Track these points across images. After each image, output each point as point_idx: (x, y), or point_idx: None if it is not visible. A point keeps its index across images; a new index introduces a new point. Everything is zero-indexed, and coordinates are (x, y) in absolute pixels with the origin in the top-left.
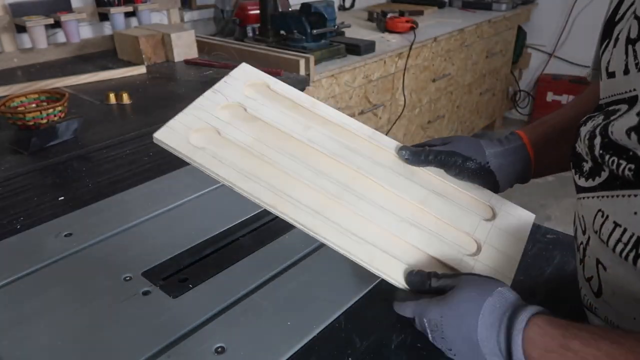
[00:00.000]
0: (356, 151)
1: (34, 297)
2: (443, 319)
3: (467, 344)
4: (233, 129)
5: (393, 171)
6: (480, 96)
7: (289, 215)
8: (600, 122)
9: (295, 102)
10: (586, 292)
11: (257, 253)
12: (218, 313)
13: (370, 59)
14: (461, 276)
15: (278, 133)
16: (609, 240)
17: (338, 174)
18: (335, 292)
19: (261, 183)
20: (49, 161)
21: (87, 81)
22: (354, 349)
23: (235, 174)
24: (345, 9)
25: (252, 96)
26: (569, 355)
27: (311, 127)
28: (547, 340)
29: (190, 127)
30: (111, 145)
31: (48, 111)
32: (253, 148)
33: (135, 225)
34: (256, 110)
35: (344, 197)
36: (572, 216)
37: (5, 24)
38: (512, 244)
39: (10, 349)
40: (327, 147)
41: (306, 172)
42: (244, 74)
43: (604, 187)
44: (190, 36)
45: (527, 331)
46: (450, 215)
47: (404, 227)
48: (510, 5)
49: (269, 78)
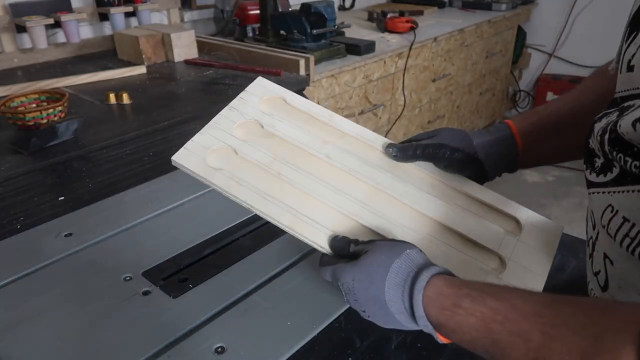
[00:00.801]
0: (375, 165)
1: (34, 297)
2: (355, 282)
3: (377, 304)
4: (250, 148)
5: (415, 186)
6: (480, 96)
7: (306, 236)
8: (614, 119)
9: (312, 116)
10: (593, 286)
11: (257, 253)
12: (218, 313)
13: (370, 59)
14: (375, 241)
15: (295, 150)
16: (617, 234)
17: (357, 191)
18: (335, 292)
19: (279, 204)
20: (49, 161)
21: (87, 81)
22: (354, 349)
23: (253, 195)
24: (345, 9)
25: (269, 112)
26: (459, 312)
27: (329, 143)
28: (442, 299)
29: (208, 148)
30: (111, 145)
31: (48, 111)
32: (270, 167)
33: (135, 225)
34: (273, 127)
35: (362, 216)
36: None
37: (5, 24)
38: (539, 260)
39: (10, 349)
40: (345, 163)
41: (324, 190)
42: (260, 89)
43: (616, 183)
44: (190, 36)
45: (426, 290)
46: (473, 230)
47: (425, 244)
48: (510, 5)
49: (285, 92)
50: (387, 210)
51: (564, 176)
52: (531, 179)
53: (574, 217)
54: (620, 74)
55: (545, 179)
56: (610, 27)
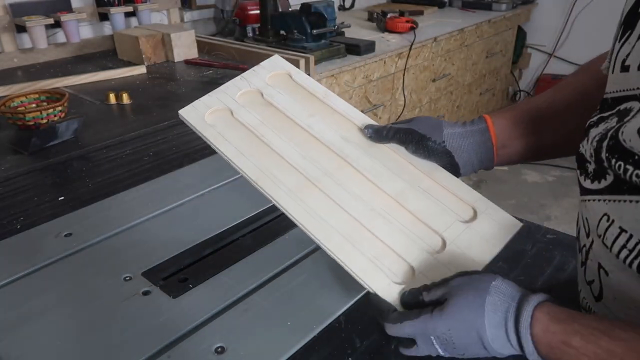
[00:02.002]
0: (350, 141)
1: (34, 297)
2: (452, 331)
3: (480, 346)
4: (245, 112)
5: (381, 163)
6: (480, 96)
7: (266, 191)
8: (614, 125)
9: (309, 92)
10: (586, 295)
11: (257, 253)
12: (218, 313)
13: (370, 59)
14: (450, 282)
15: (283, 118)
16: (613, 245)
17: (325, 161)
18: (335, 292)
19: (252, 160)
20: (49, 161)
21: (87, 81)
22: (354, 349)
23: (233, 149)
24: (345, 9)
25: (273, 84)
26: (570, 352)
27: (315, 115)
28: (550, 336)
29: (210, 107)
30: (111, 145)
31: (48, 111)
32: (256, 129)
33: (135, 225)
34: (271, 97)
35: (322, 182)
36: (572, 216)
37: (6, 24)
38: (481, 250)
39: (10, 349)
40: (324, 135)
41: (295, 155)
42: (273, 65)
43: (612, 191)
44: (190, 36)
45: (533, 328)
46: (425, 211)
47: (371, 216)
48: (510, 5)
49: (292, 69)
50: (347, 181)
51: (564, 176)
52: (531, 179)
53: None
54: (612, 74)
55: (545, 179)
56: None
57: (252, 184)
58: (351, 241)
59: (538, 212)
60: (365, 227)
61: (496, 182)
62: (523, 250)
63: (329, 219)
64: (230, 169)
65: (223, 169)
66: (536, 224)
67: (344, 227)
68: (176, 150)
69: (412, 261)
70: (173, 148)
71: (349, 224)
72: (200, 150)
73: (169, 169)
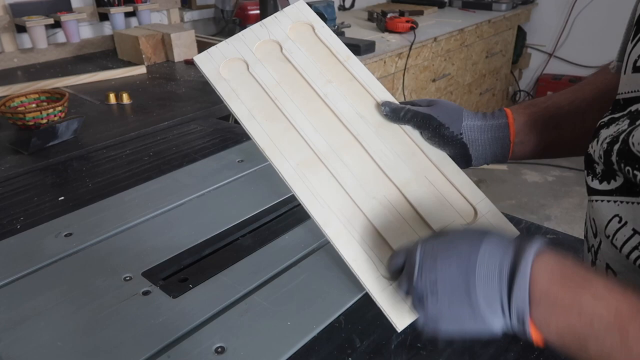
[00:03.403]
0: (364, 118)
1: (34, 297)
2: (439, 243)
3: (461, 270)
4: (261, 67)
5: (391, 147)
6: (480, 96)
7: (273, 162)
8: (626, 128)
9: (331, 52)
10: None
11: (257, 253)
12: (218, 313)
13: (370, 59)
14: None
15: (300, 79)
16: (624, 247)
17: (336, 136)
18: (335, 292)
19: (263, 125)
20: (49, 161)
21: (87, 81)
22: (354, 349)
23: (245, 111)
24: (345, 9)
25: (294, 37)
26: (582, 292)
27: (332, 82)
28: (561, 268)
29: (226, 57)
30: (111, 145)
31: (48, 111)
32: (271, 90)
33: (135, 225)
34: (291, 53)
35: (329, 160)
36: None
37: (6, 24)
38: None
39: (10, 349)
40: (339, 107)
41: (307, 125)
42: (296, 13)
43: (623, 192)
44: (190, 36)
45: (536, 261)
46: (426, 205)
47: (372, 204)
48: (510, 5)
49: (317, 21)
50: (353, 162)
51: (564, 176)
52: (531, 179)
53: (574, 217)
54: (624, 75)
55: (545, 179)
56: (610, 27)
57: (261, 151)
58: (349, 228)
59: (538, 212)
60: (365, 216)
61: (496, 182)
62: None
63: (331, 203)
64: (230, 169)
65: (223, 169)
66: (536, 224)
67: (345, 213)
68: (176, 150)
69: None
70: (173, 148)
71: (350, 209)
72: (200, 150)
73: (168, 169)
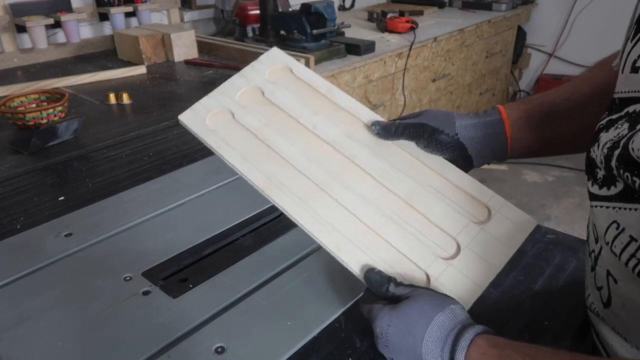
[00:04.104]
0: (357, 140)
1: (34, 297)
2: (390, 327)
3: (410, 356)
4: (246, 114)
5: (390, 163)
6: (480, 96)
7: (276, 200)
8: (627, 133)
9: (312, 87)
10: (594, 300)
11: (257, 253)
12: (218, 313)
13: (370, 59)
14: (418, 289)
15: (286, 117)
16: (622, 254)
17: (332, 162)
18: (335, 292)
19: (257, 166)
20: (49, 161)
21: (87, 81)
22: (354, 349)
23: (236, 155)
24: (345, 9)
25: (273, 80)
26: None
27: (318, 113)
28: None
29: (210, 110)
30: (111, 145)
31: (48, 111)
32: (259, 132)
33: (135, 225)
34: (272, 95)
35: (330, 186)
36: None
37: (6, 24)
38: (497, 252)
39: (10, 349)
40: (329, 134)
41: (301, 158)
42: (272, 59)
43: (622, 199)
44: (190, 36)
45: (469, 350)
46: (437, 213)
47: (383, 222)
48: (510, 5)
49: (293, 62)
50: (355, 184)
51: (564, 176)
52: (531, 179)
53: (574, 217)
54: (622, 74)
55: (545, 179)
56: (610, 27)
57: (259, 190)
58: (364, 250)
59: (538, 212)
60: (378, 234)
61: (496, 182)
62: (523, 250)
63: (341, 228)
64: (230, 169)
65: (223, 169)
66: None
67: (357, 236)
68: (176, 150)
69: (426, 268)
70: (173, 148)
71: (362, 231)
72: (200, 150)
73: (168, 169)
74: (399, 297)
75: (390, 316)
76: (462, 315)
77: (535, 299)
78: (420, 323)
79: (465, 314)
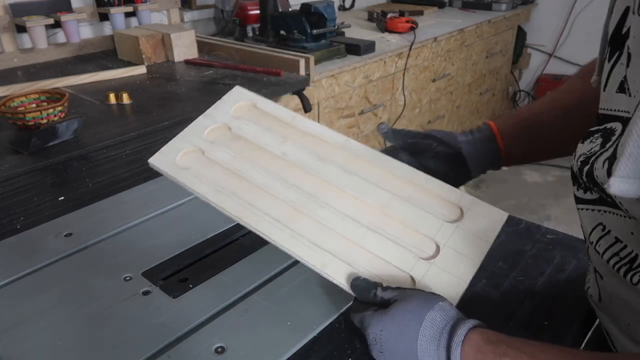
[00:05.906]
0: (327, 160)
1: (34, 297)
2: (383, 332)
3: (406, 357)
4: (215, 149)
5: (361, 177)
6: (480, 96)
7: (253, 226)
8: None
9: (277, 118)
10: (593, 293)
11: (257, 253)
12: (218, 313)
13: (370, 59)
14: (405, 290)
15: (256, 148)
16: (605, 253)
17: (305, 184)
18: (335, 293)
19: (231, 197)
20: (49, 161)
21: (87, 81)
22: (354, 349)
23: (209, 189)
24: (345, 9)
25: (239, 116)
26: None
27: (287, 140)
28: (480, 356)
29: (179, 150)
30: (111, 145)
31: (48, 111)
32: (230, 165)
33: (135, 225)
34: (240, 129)
35: (306, 207)
36: (572, 216)
37: (6, 24)
38: (475, 246)
39: (10, 349)
40: (299, 159)
41: (275, 184)
42: (235, 97)
43: (603, 203)
44: (190, 36)
45: (464, 345)
46: (412, 218)
47: (362, 233)
48: (510, 5)
49: (256, 98)
50: (331, 201)
51: (564, 176)
52: (531, 179)
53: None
54: (603, 91)
55: (545, 179)
56: None
57: (235, 219)
58: (348, 262)
59: (538, 212)
60: (359, 245)
61: (496, 182)
62: (523, 251)
63: (323, 245)
64: None
65: None
66: (536, 224)
67: (339, 250)
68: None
69: (410, 270)
70: None
71: (343, 245)
72: None
73: None
74: (388, 301)
75: (382, 321)
76: (451, 311)
77: (535, 299)
78: (412, 323)
79: (455, 309)
